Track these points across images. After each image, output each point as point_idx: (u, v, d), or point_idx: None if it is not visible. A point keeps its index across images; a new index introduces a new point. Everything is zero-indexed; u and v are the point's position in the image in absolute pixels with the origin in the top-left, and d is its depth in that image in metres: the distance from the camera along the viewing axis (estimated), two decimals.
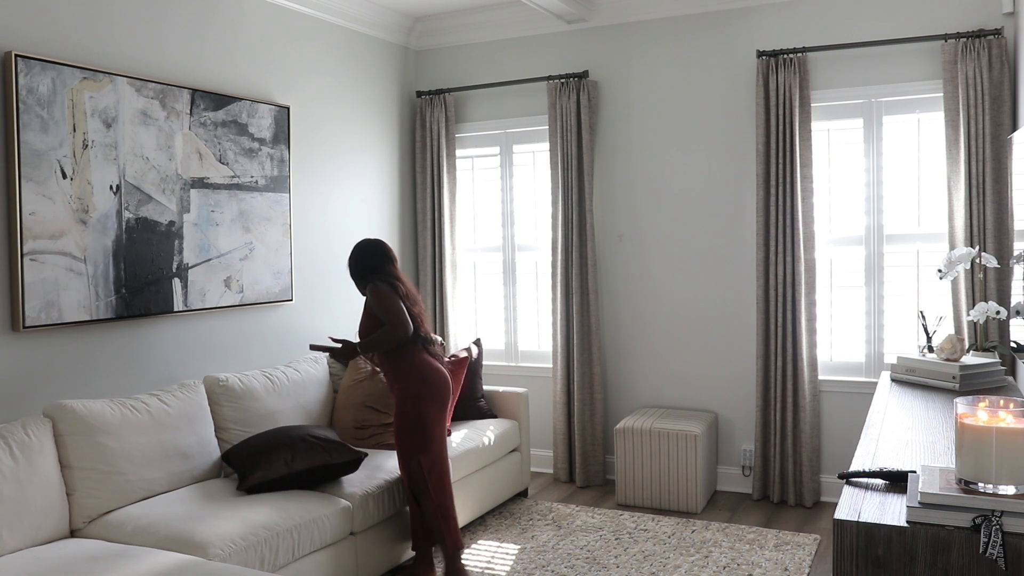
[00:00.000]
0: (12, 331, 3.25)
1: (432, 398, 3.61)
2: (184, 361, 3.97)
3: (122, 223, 3.64)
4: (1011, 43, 4.15)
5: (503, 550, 4.07)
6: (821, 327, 4.65)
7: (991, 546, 1.45)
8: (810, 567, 3.80)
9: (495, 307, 5.61)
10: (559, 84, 5.12)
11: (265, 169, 4.38)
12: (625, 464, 4.72)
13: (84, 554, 2.78)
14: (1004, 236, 4.11)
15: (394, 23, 5.36)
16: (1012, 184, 3.56)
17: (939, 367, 2.95)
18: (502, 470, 4.57)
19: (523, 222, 5.50)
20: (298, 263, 4.63)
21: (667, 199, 5.03)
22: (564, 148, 5.10)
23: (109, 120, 3.57)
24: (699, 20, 4.90)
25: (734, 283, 4.88)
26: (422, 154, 5.54)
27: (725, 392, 4.95)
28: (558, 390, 5.18)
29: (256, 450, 3.46)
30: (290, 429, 3.61)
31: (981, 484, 1.56)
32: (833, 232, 4.70)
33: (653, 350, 5.12)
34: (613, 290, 5.20)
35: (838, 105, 4.63)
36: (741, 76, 4.79)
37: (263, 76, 4.43)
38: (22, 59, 3.23)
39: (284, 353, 4.52)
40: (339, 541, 3.40)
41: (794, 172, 4.53)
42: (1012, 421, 1.58)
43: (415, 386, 3.59)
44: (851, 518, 1.60)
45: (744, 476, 4.93)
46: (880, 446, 2.18)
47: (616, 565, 3.84)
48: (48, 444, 3.04)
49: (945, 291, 4.33)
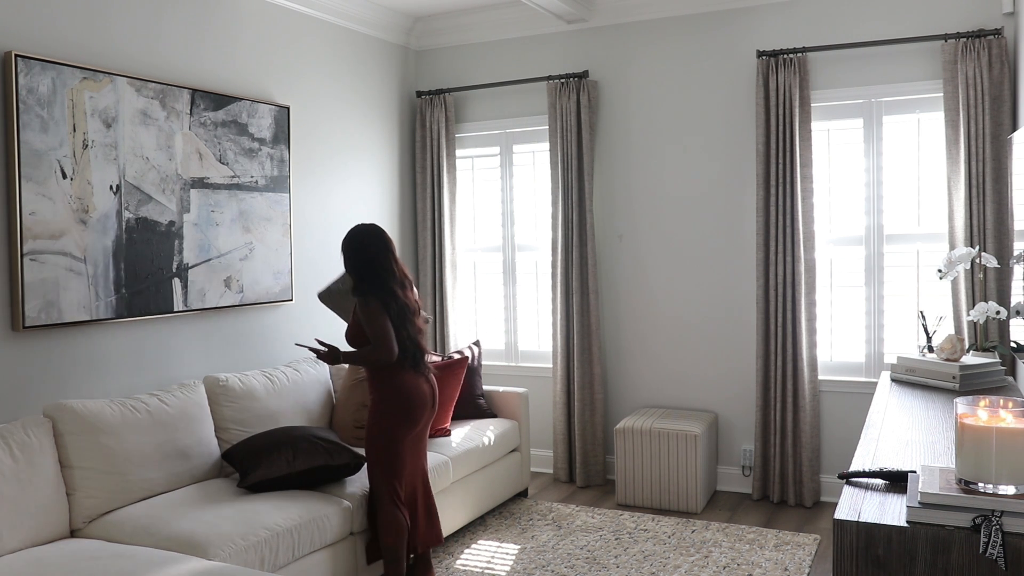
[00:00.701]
0: (12, 331, 3.25)
1: (404, 421, 3.44)
2: (184, 361, 3.97)
3: (122, 223, 3.64)
4: (1011, 43, 4.15)
5: (503, 550, 4.07)
6: (821, 327, 4.65)
7: (991, 546, 1.45)
8: (810, 567, 3.80)
9: (495, 307, 5.61)
10: (559, 84, 5.12)
11: (265, 169, 4.38)
12: (625, 464, 4.72)
13: (84, 554, 2.78)
14: (1004, 236, 4.11)
15: (394, 23, 5.36)
16: (1012, 184, 3.56)
17: (939, 367, 2.95)
18: (502, 470, 4.57)
19: (523, 222, 5.50)
20: (298, 263, 4.63)
21: (667, 199, 5.03)
22: (564, 148, 5.10)
23: (109, 120, 3.57)
24: (699, 20, 4.90)
25: (734, 283, 4.88)
26: (422, 154, 5.54)
27: (725, 392, 4.95)
28: (558, 390, 5.18)
29: (258, 448, 3.46)
30: (292, 429, 3.62)
31: (981, 484, 1.56)
32: (833, 232, 4.70)
33: (653, 350, 5.12)
34: (613, 290, 5.20)
35: (838, 105, 4.63)
36: (741, 76, 4.79)
37: (263, 76, 4.43)
38: (22, 59, 3.23)
39: (284, 353, 4.52)
40: (339, 541, 3.40)
41: (794, 172, 4.53)
42: (1012, 421, 1.58)
43: (390, 406, 3.43)
44: (851, 518, 1.60)
45: (744, 476, 4.93)
46: (880, 446, 2.18)
47: (616, 565, 3.84)
48: (48, 444, 3.04)
49: (945, 291, 4.33)
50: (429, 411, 3.56)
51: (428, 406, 3.54)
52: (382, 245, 3.50)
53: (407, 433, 3.47)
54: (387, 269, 3.47)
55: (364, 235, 3.51)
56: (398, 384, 3.44)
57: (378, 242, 3.50)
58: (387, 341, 3.37)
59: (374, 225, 3.57)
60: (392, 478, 3.44)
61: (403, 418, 3.45)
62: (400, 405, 3.44)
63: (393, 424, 3.44)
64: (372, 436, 3.45)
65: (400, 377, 3.45)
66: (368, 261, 3.46)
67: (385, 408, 3.44)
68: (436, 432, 4.25)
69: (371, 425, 3.46)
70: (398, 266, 3.53)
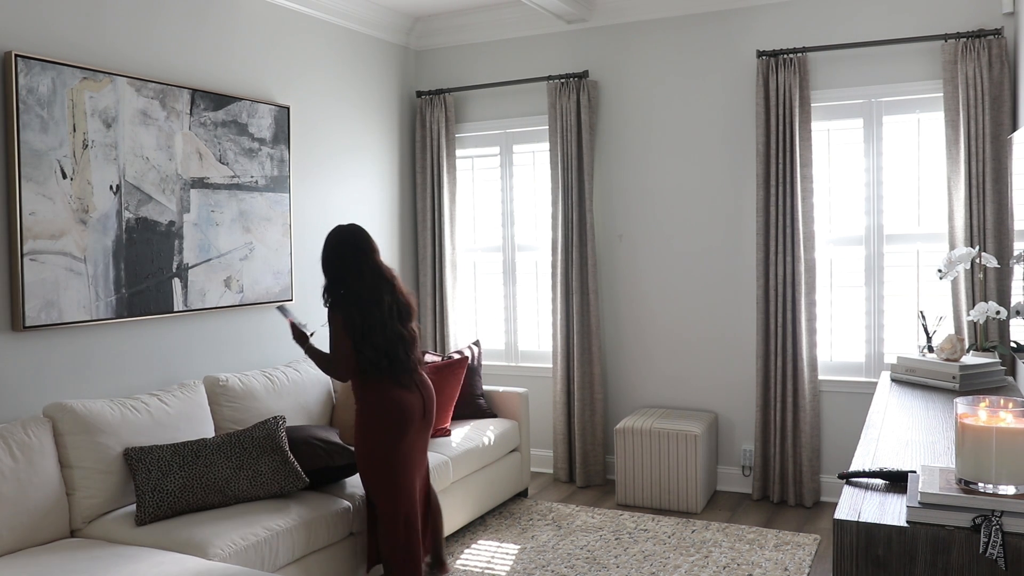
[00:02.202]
0: (12, 331, 3.25)
1: (388, 435, 3.29)
2: (184, 361, 3.96)
3: (122, 223, 3.64)
4: (1011, 43, 4.15)
5: (503, 550, 4.07)
6: (821, 327, 4.65)
7: (991, 546, 1.45)
8: (810, 567, 3.80)
9: (495, 307, 5.61)
10: (559, 84, 5.12)
11: (265, 169, 4.38)
12: (625, 464, 4.72)
13: (84, 554, 2.78)
14: (1004, 236, 4.11)
15: (394, 23, 5.36)
16: (1012, 184, 3.57)
17: (939, 367, 2.95)
18: (502, 470, 4.57)
19: (523, 222, 5.50)
20: (298, 263, 4.63)
21: (667, 199, 5.03)
22: (564, 148, 5.10)
23: (109, 120, 3.57)
24: (699, 20, 4.90)
25: (734, 283, 4.88)
26: (422, 154, 5.54)
27: (725, 392, 4.95)
28: (558, 390, 5.18)
29: None
30: (292, 430, 3.61)
31: (981, 484, 1.56)
32: (833, 232, 4.70)
33: (653, 350, 5.12)
34: (613, 290, 5.20)
35: (838, 105, 4.63)
36: (741, 76, 4.79)
37: (263, 76, 4.43)
38: (22, 59, 3.23)
39: (284, 353, 4.52)
40: (339, 541, 3.40)
41: (794, 172, 4.53)
42: (1012, 421, 1.58)
43: (372, 420, 3.30)
44: (851, 518, 1.60)
45: (744, 476, 4.93)
46: (880, 446, 2.18)
47: (616, 565, 3.84)
48: (48, 444, 3.04)
49: (945, 291, 4.33)
50: (419, 422, 3.38)
51: (415, 417, 3.35)
52: (356, 248, 3.32)
53: (393, 446, 3.30)
54: (359, 274, 3.29)
55: (335, 238, 3.35)
56: (375, 398, 3.30)
57: (349, 247, 3.32)
58: (338, 361, 3.26)
59: (352, 225, 3.41)
60: (385, 491, 3.32)
61: (385, 432, 3.29)
62: (381, 419, 3.29)
63: (376, 439, 3.30)
64: (359, 453, 3.35)
65: (378, 390, 3.30)
66: (338, 267, 3.31)
67: (366, 422, 3.31)
68: (436, 432, 4.25)
69: (357, 442, 3.35)
70: (377, 269, 3.33)
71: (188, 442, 3.28)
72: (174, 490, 3.10)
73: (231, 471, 3.23)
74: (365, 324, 3.24)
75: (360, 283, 3.28)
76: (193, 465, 3.19)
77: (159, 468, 3.14)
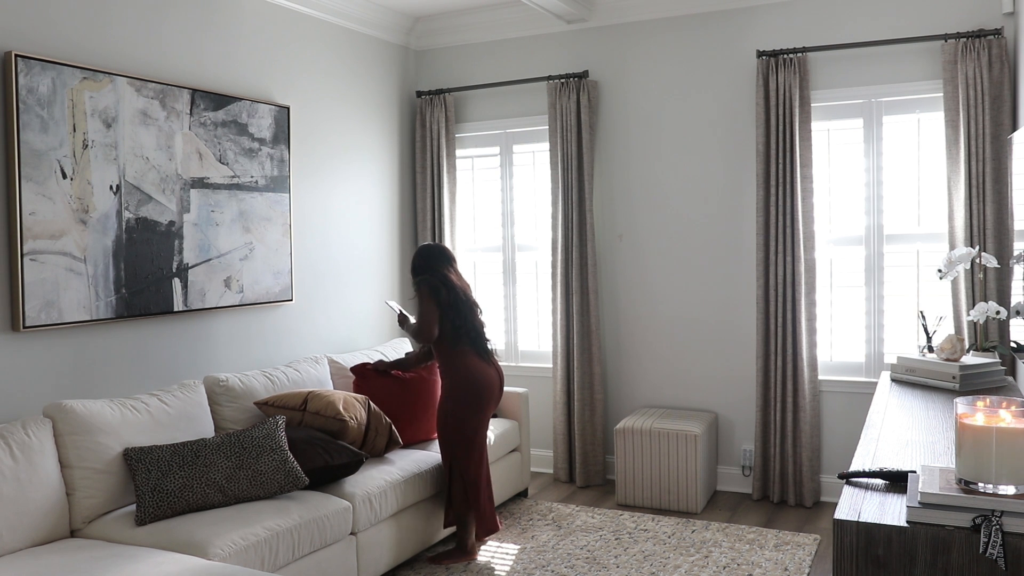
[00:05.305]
0: (12, 331, 3.25)
1: (470, 403, 3.83)
2: (184, 361, 3.96)
3: (122, 223, 3.64)
4: (1011, 43, 4.15)
5: (503, 550, 4.07)
6: (821, 327, 4.65)
7: (991, 546, 1.45)
8: (810, 567, 3.80)
9: (495, 307, 5.61)
10: (559, 84, 5.12)
11: (265, 169, 4.38)
12: (625, 464, 4.72)
13: (84, 554, 2.78)
14: (1004, 236, 4.11)
15: (394, 23, 5.36)
16: (1012, 184, 3.57)
17: (939, 367, 2.95)
18: (502, 470, 4.57)
19: (523, 222, 5.50)
20: (298, 263, 4.63)
21: (667, 199, 5.03)
22: (564, 148, 5.10)
23: (109, 120, 3.57)
24: (699, 20, 4.90)
25: (734, 283, 4.88)
26: (422, 154, 5.54)
27: (725, 392, 4.95)
28: (558, 390, 5.18)
29: None
30: (292, 430, 3.61)
31: (981, 484, 1.56)
32: (833, 232, 4.70)
33: (653, 350, 5.12)
34: (613, 290, 5.20)
35: (838, 105, 4.63)
36: (741, 76, 4.79)
37: (263, 76, 4.43)
38: (22, 59, 3.23)
39: (284, 353, 4.52)
40: (339, 541, 3.40)
41: (794, 172, 4.53)
42: (1012, 421, 1.58)
43: (460, 392, 3.84)
44: (851, 518, 1.60)
45: (744, 476, 4.93)
46: (880, 446, 2.18)
47: (616, 565, 3.84)
48: (48, 444, 3.04)
49: (945, 291, 4.33)
50: (497, 395, 3.96)
51: (496, 390, 3.94)
52: (440, 255, 4.00)
53: (475, 417, 3.85)
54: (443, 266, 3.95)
55: (424, 250, 4.05)
56: (464, 370, 3.84)
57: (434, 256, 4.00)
58: (426, 324, 3.79)
59: (434, 244, 4.12)
60: (472, 457, 3.83)
61: (472, 403, 3.84)
62: (467, 390, 3.84)
63: (462, 409, 3.83)
64: (447, 421, 3.85)
65: (465, 362, 3.85)
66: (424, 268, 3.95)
67: (455, 394, 3.85)
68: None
69: (442, 412, 3.88)
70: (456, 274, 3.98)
71: (188, 442, 3.28)
72: (174, 490, 3.10)
73: (231, 471, 3.23)
74: (450, 296, 3.83)
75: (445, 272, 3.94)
76: (193, 465, 3.19)
77: (159, 468, 3.14)
